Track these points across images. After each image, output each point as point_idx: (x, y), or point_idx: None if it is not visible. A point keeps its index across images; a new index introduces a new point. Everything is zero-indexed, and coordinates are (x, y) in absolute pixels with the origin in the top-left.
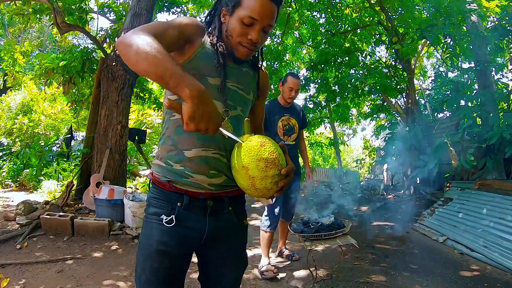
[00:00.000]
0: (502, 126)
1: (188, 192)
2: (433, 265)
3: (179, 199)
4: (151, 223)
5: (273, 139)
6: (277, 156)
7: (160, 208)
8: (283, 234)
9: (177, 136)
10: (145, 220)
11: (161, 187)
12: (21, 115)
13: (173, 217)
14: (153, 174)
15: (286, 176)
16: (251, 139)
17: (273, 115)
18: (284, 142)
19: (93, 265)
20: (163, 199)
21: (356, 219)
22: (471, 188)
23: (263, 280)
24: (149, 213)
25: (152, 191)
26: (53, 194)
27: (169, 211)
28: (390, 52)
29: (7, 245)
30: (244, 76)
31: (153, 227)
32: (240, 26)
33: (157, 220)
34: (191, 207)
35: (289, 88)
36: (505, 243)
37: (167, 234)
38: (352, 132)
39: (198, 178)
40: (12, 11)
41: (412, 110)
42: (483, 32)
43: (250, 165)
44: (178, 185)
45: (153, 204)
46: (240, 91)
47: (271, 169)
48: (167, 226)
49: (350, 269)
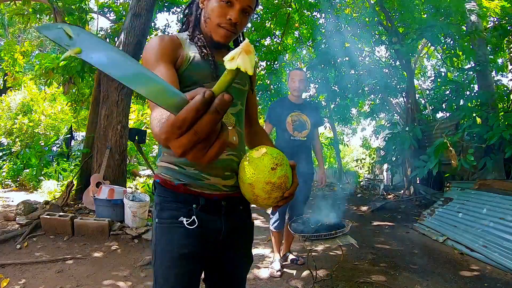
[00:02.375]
0: (502, 126)
1: (203, 194)
2: (433, 265)
3: (194, 201)
4: (169, 227)
5: (282, 136)
6: (285, 180)
7: (177, 210)
8: (288, 239)
9: None
10: (159, 226)
11: (174, 190)
12: (21, 115)
13: (194, 218)
14: (160, 177)
15: (287, 197)
16: (264, 158)
17: (283, 111)
18: (293, 138)
19: (93, 265)
20: (178, 202)
21: (356, 219)
22: (471, 188)
23: (263, 280)
24: (164, 218)
25: (162, 194)
26: (53, 194)
27: (187, 213)
28: (390, 52)
29: (7, 245)
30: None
31: (172, 232)
32: (219, 6)
33: (176, 223)
34: (207, 209)
35: (291, 79)
36: (505, 243)
37: (190, 236)
38: (352, 132)
39: (214, 180)
40: (12, 11)
41: (412, 110)
42: (483, 32)
43: (257, 185)
44: (193, 187)
45: (167, 207)
46: (237, 85)
47: (276, 192)
48: (188, 228)
49: (350, 269)
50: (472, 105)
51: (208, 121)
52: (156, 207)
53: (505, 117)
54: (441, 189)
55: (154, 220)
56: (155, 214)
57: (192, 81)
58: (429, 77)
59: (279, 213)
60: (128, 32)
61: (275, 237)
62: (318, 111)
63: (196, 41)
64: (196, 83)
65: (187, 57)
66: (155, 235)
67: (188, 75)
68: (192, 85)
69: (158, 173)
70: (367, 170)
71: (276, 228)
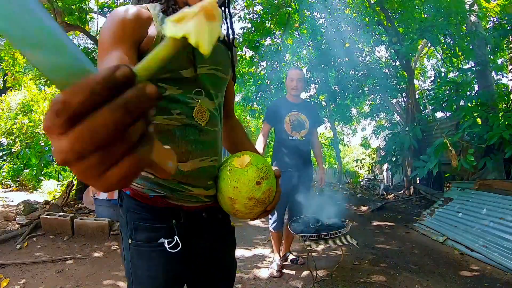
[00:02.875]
0: (502, 126)
1: (183, 207)
2: (433, 265)
3: (173, 215)
4: (148, 252)
5: (280, 136)
6: (270, 194)
7: (155, 231)
8: (288, 239)
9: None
10: (136, 249)
11: (150, 204)
12: (21, 115)
13: (176, 239)
14: (131, 187)
15: (269, 211)
16: (248, 170)
17: (281, 111)
18: (291, 138)
19: (93, 265)
20: (155, 219)
21: (356, 219)
22: (471, 188)
23: (262, 280)
24: (141, 240)
25: (135, 209)
26: (53, 194)
27: (167, 232)
28: (390, 52)
29: (7, 245)
30: (218, 55)
31: (153, 257)
32: None
33: (156, 247)
34: (188, 223)
35: (289, 79)
36: (505, 243)
37: (173, 260)
38: (352, 132)
39: (196, 191)
40: None
41: (412, 110)
42: (482, 32)
43: (238, 200)
44: (172, 200)
45: (143, 227)
46: (219, 73)
47: (258, 207)
48: (171, 251)
49: (350, 269)
50: (472, 105)
51: (107, 118)
52: (128, 225)
53: (505, 117)
54: (441, 189)
55: (125, 239)
56: (126, 233)
57: (165, 69)
58: (429, 77)
59: (277, 214)
60: None
61: (274, 237)
62: (316, 111)
63: (171, 13)
64: (171, 71)
65: (159, 36)
66: (131, 257)
67: None
68: (165, 75)
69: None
70: (367, 170)
71: (275, 229)
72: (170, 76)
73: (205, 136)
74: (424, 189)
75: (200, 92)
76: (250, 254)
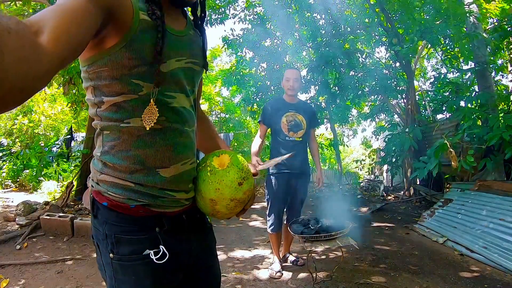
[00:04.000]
0: (502, 127)
1: (166, 213)
2: (433, 266)
3: (156, 223)
4: (133, 266)
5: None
6: (249, 193)
7: (139, 243)
8: (287, 240)
9: (141, 150)
10: (118, 263)
11: (130, 214)
12: (21, 116)
13: (162, 249)
14: (106, 196)
15: (246, 210)
16: (230, 171)
17: (277, 111)
18: (288, 139)
19: (93, 266)
20: (138, 230)
21: (356, 220)
22: (471, 189)
23: (262, 281)
24: (125, 254)
25: (114, 221)
26: (53, 195)
27: (152, 243)
28: (390, 53)
29: (7, 245)
30: (194, 44)
31: (138, 271)
32: None
33: (142, 259)
34: (171, 229)
35: (286, 79)
36: (505, 244)
37: (161, 271)
38: (352, 133)
39: (178, 195)
40: (12, 11)
41: (412, 111)
42: (482, 34)
43: (220, 202)
44: (154, 207)
45: (125, 240)
46: (195, 67)
47: (239, 207)
48: (157, 263)
49: (350, 270)
50: (472, 106)
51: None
52: (108, 239)
53: (505, 118)
54: (441, 190)
55: (104, 253)
56: (106, 247)
57: (139, 58)
58: (429, 78)
59: (275, 215)
60: None
61: (273, 239)
62: (314, 111)
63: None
64: (141, 64)
65: (136, 17)
66: (114, 273)
67: (134, 48)
68: (137, 64)
69: (102, 191)
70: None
71: (273, 231)
72: (146, 69)
73: (185, 138)
74: (424, 190)
75: (176, 88)
76: (249, 255)
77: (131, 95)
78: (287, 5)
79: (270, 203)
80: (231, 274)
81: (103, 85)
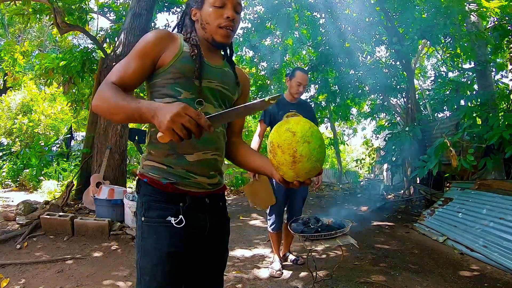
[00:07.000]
0: (502, 126)
1: (190, 193)
2: (433, 265)
3: (181, 199)
4: (157, 226)
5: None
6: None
7: (164, 210)
8: (287, 239)
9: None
10: (147, 224)
11: (161, 189)
12: (21, 115)
13: (181, 217)
14: (147, 176)
15: (302, 183)
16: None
17: (278, 110)
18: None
19: (93, 265)
20: (165, 201)
21: (356, 219)
22: (471, 188)
23: (262, 280)
24: (152, 217)
25: (149, 193)
26: (53, 194)
27: (175, 212)
28: (390, 52)
29: (7, 245)
30: (227, 77)
31: (160, 231)
32: (214, 10)
33: (164, 223)
34: (192, 206)
35: (297, 83)
36: (505, 243)
37: (177, 235)
38: (353, 132)
39: (200, 179)
40: (12, 11)
41: (412, 110)
42: (483, 32)
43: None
44: (180, 186)
45: (155, 207)
46: (225, 91)
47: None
48: (176, 227)
49: (350, 269)
50: (472, 105)
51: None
52: (143, 206)
53: (505, 117)
54: (441, 189)
55: (139, 218)
56: (140, 213)
57: (180, 73)
58: (429, 77)
59: (275, 214)
60: (128, 32)
61: (274, 238)
62: (313, 111)
63: (190, 40)
64: (182, 76)
65: (180, 50)
66: (142, 233)
67: (177, 66)
68: (179, 76)
69: (144, 172)
70: (367, 170)
71: (274, 230)
72: (182, 79)
73: (208, 134)
74: (424, 189)
75: (203, 100)
76: (250, 254)
77: (173, 99)
78: (287, 4)
79: None
80: (231, 273)
81: (155, 91)
